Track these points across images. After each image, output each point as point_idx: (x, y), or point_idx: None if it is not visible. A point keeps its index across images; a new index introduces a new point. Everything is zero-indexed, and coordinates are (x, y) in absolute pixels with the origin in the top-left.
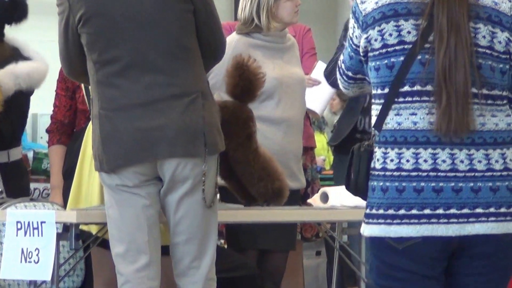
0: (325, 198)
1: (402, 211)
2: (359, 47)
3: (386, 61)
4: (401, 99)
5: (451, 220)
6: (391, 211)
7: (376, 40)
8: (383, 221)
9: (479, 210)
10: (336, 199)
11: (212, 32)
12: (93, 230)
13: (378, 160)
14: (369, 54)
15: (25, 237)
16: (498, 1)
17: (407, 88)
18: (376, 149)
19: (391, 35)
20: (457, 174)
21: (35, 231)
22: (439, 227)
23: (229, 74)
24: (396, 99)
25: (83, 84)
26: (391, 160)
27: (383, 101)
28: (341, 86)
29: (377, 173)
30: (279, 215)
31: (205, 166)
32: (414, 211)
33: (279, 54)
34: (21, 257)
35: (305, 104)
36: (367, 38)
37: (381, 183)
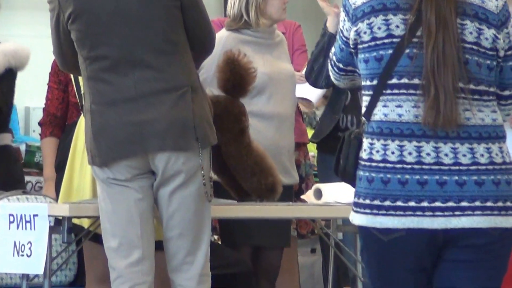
0: (318, 194)
1: (387, 202)
2: (349, 39)
3: (374, 54)
4: (388, 91)
5: (436, 213)
6: (376, 202)
7: (365, 33)
8: (369, 211)
9: (465, 203)
10: (329, 196)
11: (200, 26)
12: (85, 224)
13: (365, 150)
14: (359, 46)
15: (18, 230)
16: None
17: (394, 80)
18: (364, 139)
19: (379, 28)
20: (441, 167)
21: (28, 224)
22: (424, 219)
23: (220, 69)
24: (384, 91)
25: (74, 76)
26: (377, 151)
27: (371, 93)
28: (332, 78)
29: (363, 163)
30: (272, 211)
31: (201, 159)
32: (399, 203)
33: (269, 50)
34: (14, 250)
35: (295, 99)
36: (356, 31)
37: (367, 174)
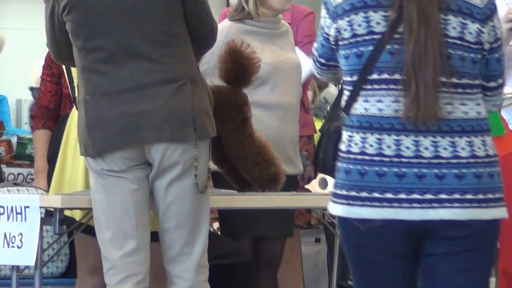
0: (324, 184)
1: (364, 194)
2: (329, 36)
3: (355, 50)
4: (369, 87)
5: (414, 204)
6: (353, 193)
7: (345, 30)
8: (345, 202)
9: (443, 196)
10: None
11: (200, 19)
12: (76, 216)
13: (344, 142)
14: (339, 43)
15: (8, 222)
16: None
17: (375, 76)
18: (343, 132)
19: (360, 25)
20: (421, 160)
21: (19, 216)
22: (402, 211)
23: (222, 59)
24: (364, 86)
25: (67, 68)
26: (356, 144)
27: (351, 88)
28: (315, 72)
29: (342, 155)
30: (275, 201)
31: (197, 151)
32: (376, 194)
33: (273, 40)
34: (4, 241)
35: (300, 89)
36: (336, 28)
37: (345, 165)
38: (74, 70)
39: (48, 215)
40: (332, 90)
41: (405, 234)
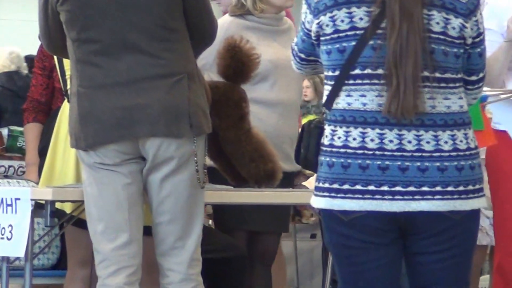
0: None
1: (346, 186)
2: (311, 31)
3: (337, 46)
4: (351, 81)
5: (396, 197)
6: (335, 185)
7: (327, 25)
8: (328, 194)
9: (425, 188)
10: None
11: (200, 15)
12: (67, 208)
13: (326, 136)
14: (321, 38)
15: None
16: None
17: (357, 71)
18: (326, 127)
19: (343, 21)
20: (404, 153)
21: (9, 208)
22: (384, 203)
23: (221, 55)
24: (346, 81)
25: (58, 60)
26: (339, 137)
27: (333, 83)
28: (294, 67)
29: (325, 148)
30: (272, 197)
31: (195, 146)
32: (358, 187)
33: (274, 36)
34: None
35: (301, 87)
36: (318, 23)
37: (327, 159)
38: (66, 62)
39: (37, 208)
40: None
41: (387, 225)
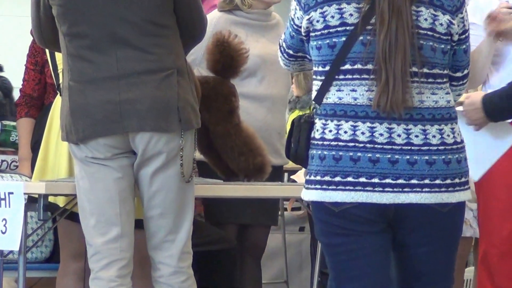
0: None
1: (337, 178)
2: (300, 27)
3: (327, 41)
4: (341, 76)
5: (386, 189)
6: (327, 178)
7: (318, 21)
8: (319, 187)
9: (414, 181)
10: None
11: (190, 12)
12: (60, 202)
13: (317, 130)
14: (311, 34)
15: None
16: None
17: (347, 66)
18: (316, 121)
19: (333, 17)
20: (393, 147)
21: (3, 202)
22: (374, 194)
23: (210, 51)
24: (337, 76)
25: (51, 55)
26: (330, 131)
27: (323, 78)
28: (282, 63)
29: (316, 142)
30: (261, 191)
31: (182, 141)
32: (349, 179)
33: (262, 32)
34: None
35: (289, 81)
36: (309, 19)
37: (319, 152)
38: (58, 57)
39: (31, 201)
40: None
41: (377, 216)
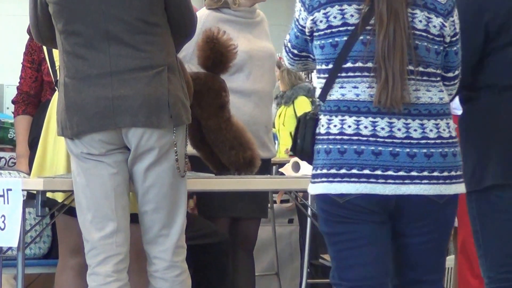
0: (296, 167)
1: (343, 170)
2: (305, 27)
3: (330, 40)
4: (344, 74)
5: (388, 180)
6: (333, 171)
7: (321, 21)
8: (325, 180)
9: (414, 173)
10: (307, 168)
11: (180, 10)
12: (58, 198)
13: (323, 126)
14: (314, 34)
15: None
16: None
17: (349, 64)
18: (321, 117)
19: (335, 17)
20: (394, 140)
21: (1, 199)
22: (377, 186)
23: (200, 47)
24: (339, 74)
25: (46, 52)
26: (335, 125)
27: (327, 76)
28: (287, 63)
29: (321, 137)
30: (251, 184)
31: (175, 136)
32: (354, 171)
33: (248, 29)
34: None
35: (275, 77)
36: (313, 19)
37: (325, 146)
38: (56, 53)
39: (29, 198)
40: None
41: (380, 208)
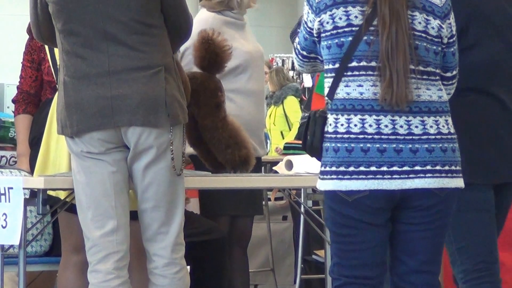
0: (289, 165)
1: (351, 168)
2: (313, 29)
3: (336, 41)
4: (349, 73)
5: (394, 176)
6: (342, 168)
7: (328, 23)
8: (335, 177)
9: (418, 167)
10: (300, 167)
11: (176, 12)
12: (61, 195)
13: (330, 124)
14: (322, 35)
15: None
16: None
17: (354, 63)
18: (328, 116)
19: (341, 18)
20: (397, 137)
21: (3, 197)
22: (384, 182)
23: (196, 48)
24: (345, 73)
25: (48, 50)
26: (342, 124)
27: (334, 75)
28: (296, 64)
29: (329, 136)
30: (246, 182)
31: (172, 135)
32: (362, 168)
33: (243, 30)
34: None
35: (264, 75)
36: (320, 21)
37: (333, 144)
38: (57, 52)
39: (32, 196)
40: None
41: (386, 203)
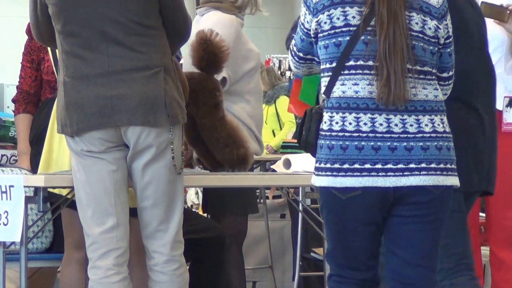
0: (287, 164)
1: (346, 165)
2: (310, 30)
3: (334, 40)
4: (346, 72)
5: (388, 173)
6: (336, 165)
7: (325, 23)
8: (330, 174)
9: (412, 165)
10: (298, 165)
11: (174, 13)
12: (63, 192)
13: (325, 122)
14: (319, 35)
15: None
16: None
17: (351, 62)
18: (324, 114)
19: (338, 18)
20: (392, 135)
21: (4, 195)
22: (378, 179)
23: (194, 48)
24: (342, 72)
25: (50, 51)
26: (336, 122)
27: (330, 74)
28: (292, 66)
29: (324, 133)
30: (244, 180)
31: (172, 134)
32: (356, 165)
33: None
34: None
35: None
36: (317, 21)
37: (327, 142)
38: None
39: (35, 193)
40: None
41: (380, 201)
